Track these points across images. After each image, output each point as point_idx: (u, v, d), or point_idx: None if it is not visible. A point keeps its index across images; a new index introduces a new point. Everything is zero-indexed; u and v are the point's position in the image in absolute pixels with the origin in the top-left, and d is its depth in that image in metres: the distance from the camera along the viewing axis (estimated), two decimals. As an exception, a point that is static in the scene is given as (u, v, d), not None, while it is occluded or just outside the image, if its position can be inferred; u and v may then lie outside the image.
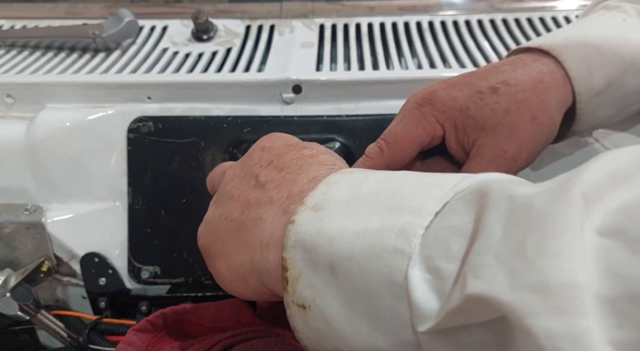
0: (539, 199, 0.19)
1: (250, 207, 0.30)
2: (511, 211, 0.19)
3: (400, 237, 0.22)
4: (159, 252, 0.49)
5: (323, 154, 0.31)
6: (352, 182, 0.26)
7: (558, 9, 0.63)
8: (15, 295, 0.45)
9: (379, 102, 0.51)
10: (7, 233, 0.50)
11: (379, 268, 0.22)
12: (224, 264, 0.31)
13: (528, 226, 0.18)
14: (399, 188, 0.24)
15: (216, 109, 0.52)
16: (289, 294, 0.26)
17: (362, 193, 0.25)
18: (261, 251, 0.28)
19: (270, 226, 0.28)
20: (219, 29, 0.61)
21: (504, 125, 0.35)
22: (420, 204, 0.23)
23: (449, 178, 0.24)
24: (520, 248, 0.18)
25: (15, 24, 0.63)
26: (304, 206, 0.26)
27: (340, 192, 0.26)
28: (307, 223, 0.25)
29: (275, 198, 0.29)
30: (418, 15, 0.63)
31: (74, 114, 0.51)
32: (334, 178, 0.27)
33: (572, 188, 0.18)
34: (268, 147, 0.33)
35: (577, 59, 0.36)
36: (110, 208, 0.51)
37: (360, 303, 0.23)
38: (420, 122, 0.37)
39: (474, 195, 0.22)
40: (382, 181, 0.25)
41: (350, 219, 0.24)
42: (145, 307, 0.48)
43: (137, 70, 0.54)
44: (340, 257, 0.24)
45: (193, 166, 0.50)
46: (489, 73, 0.37)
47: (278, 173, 0.30)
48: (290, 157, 0.31)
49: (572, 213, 0.17)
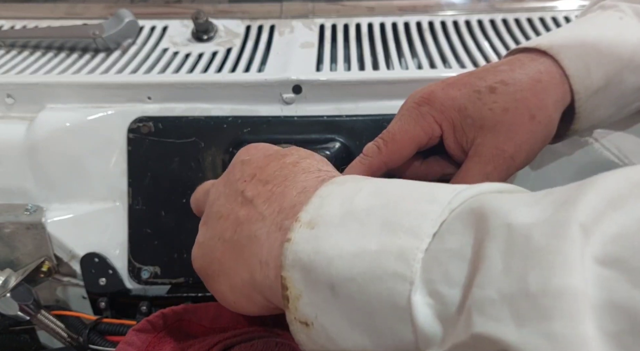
0: (538, 232, 0.18)
1: (241, 225, 0.29)
2: (510, 242, 0.19)
3: (400, 261, 0.22)
4: (159, 252, 0.49)
5: (305, 160, 0.31)
6: (345, 194, 0.26)
7: (558, 9, 0.63)
8: (15, 295, 0.45)
9: (379, 103, 0.51)
10: (7, 233, 0.50)
11: (380, 291, 0.22)
12: (226, 285, 0.31)
13: (529, 261, 0.18)
14: (392, 203, 0.24)
15: (216, 109, 0.52)
16: (291, 312, 0.26)
17: (356, 209, 0.25)
18: (261, 269, 0.28)
19: (267, 243, 0.28)
20: (219, 29, 0.61)
21: (503, 124, 0.35)
22: (416, 224, 0.22)
23: (443, 192, 0.24)
24: (523, 286, 0.18)
25: (16, 24, 0.63)
26: (298, 222, 0.26)
27: (334, 206, 0.25)
28: (304, 241, 0.25)
29: (266, 213, 0.28)
30: (418, 16, 0.63)
31: (74, 114, 0.51)
32: (326, 190, 0.27)
33: (569, 219, 0.18)
34: (247, 160, 0.32)
35: (575, 58, 0.36)
36: (110, 208, 0.51)
37: (364, 322, 0.23)
38: (419, 121, 0.37)
39: (470, 214, 0.22)
40: (376, 195, 0.25)
41: (346, 238, 0.24)
42: (146, 307, 0.48)
43: (137, 70, 0.54)
44: (340, 278, 0.23)
45: (193, 166, 0.50)
46: (487, 73, 0.37)
47: (264, 187, 0.29)
48: (273, 168, 0.30)
49: (571, 248, 0.17)
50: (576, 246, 0.17)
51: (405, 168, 0.40)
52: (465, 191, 0.23)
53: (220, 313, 0.42)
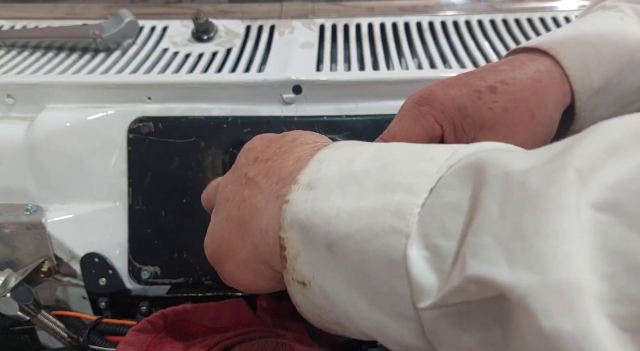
0: (534, 178, 0.18)
1: (244, 201, 0.30)
2: (507, 189, 0.19)
3: (397, 216, 0.22)
4: (159, 252, 0.49)
5: (304, 136, 0.32)
6: (343, 158, 0.26)
7: (558, 9, 0.63)
8: (15, 295, 0.45)
9: (379, 103, 0.51)
10: (7, 233, 0.50)
11: (377, 247, 0.22)
12: (233, 263, 0.31)
13: (524, 206, 0.18)
14: (390, 164, 0.24)
15: (216, 109, 0.52)
16: (288, 272, 0.27)
17: (354, 171, 0.25)
18: (262, 237, 0.29)
19: (266, 212, 0.28)
20: (219, 29, 0.61)
21: (503, 124, 0.35)
22: (414, 182, 0.23)
23: (441, 151, 0.24)
24: (517, 229, 0.18)
25: (16, 25, 0.63)
26: (297, 184, 0.26)
27: (332, 169, 0.26)
28: (302, 202, 0.26)
29: (265, 186, 0.29)
30: (418, 16, 0.63)
31: (74, 114, 0.51)
32: (324, 155, 0.27)
33: (566, 165, 0.18)
34: (252, 148, 0.33)
35: (575, 57, 0.36)
36: (110, 208, 0.51)
37: (360, 280, 0.23)
38: (419, 121, 0.37)
39: (467, 169, 0.22)
40: (373, 157, 0.25)
41: (344, 198, 0.24)
42: (146, 307, 0.48)
43: (137, 70, 0.54)
44: (337, 236, 0.24)
45: (193, 166, 0.50)
46: (487, 73, 0.37)
47: (265, 164, 0.30)
48: (273, 148, 0.31)
49: (567, 192, 0.17)
50: (571, 190, 0.17)
51: None
52: (463, 149, 0.24)
53: (221, 313, 0.42)
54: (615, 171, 0.18)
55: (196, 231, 0.49)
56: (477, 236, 0.19)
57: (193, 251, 0.48)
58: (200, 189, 0.49)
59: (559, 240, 0.17)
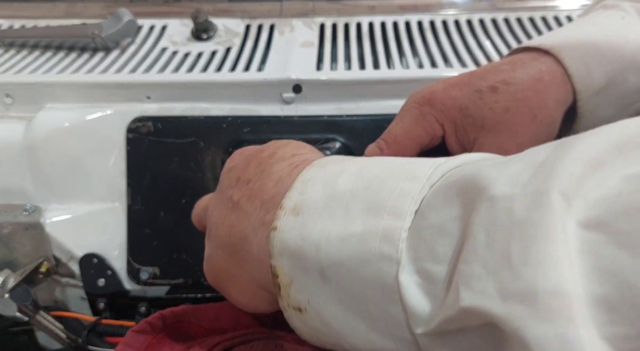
0: (518, 204, 0.18)
1: (233, 228, 0.29)
2: (493, 216, 0.19)
3: (385, 242, 0.22)
4: (158, 253, 0.48)
5: (281, 148, 0.31)
6: (327, 177, 0.26)
7: (560, 8, 0.63)
8: (13, 295, 0.45)
9: (380, 102, 0.51)
10: (5, 234, 0.49)
11: (369, 274, 0.22)
12: (235, 290, 0.31)
13: (511, 234, 0.18)
14: (375, 184, 0.24)
15: (216, 109, 0.51)
16: (283, 298, 0.26)
17: (338, 191, 0.25)
18: (255, 266, 0.28)
19: (255, 240, 0.28)
20: (219, 28, 0.61)
21: (504, 124, 0.35)
22: (398, 204, 0.22)
23: (422, 167, 0.24)
24: (506, 258, 0.18)
25: (14, 24, 0.63)
26: (282, 209, 0.26)
27: (317, 190, 0.25)
28: (290, 228, 0.25)
29: (250, 211, 0.29)
30: (419, 15, 0.62)
31: (72, 114, 0.51)
32: (308, 175, 0.27)
33: (549, 188, 0.18)
34: (232, 167, 0.32)
35: (576, 57, 0.36)
36: (109, 209, 0.51)
37: (355, 305, 0.23)
38: (420, 122, 0.36)
39: (449, 189, 0.22)
40: (357, 176, 0.25)
41: (332, 223, 0.24)
42: (145, 308, 0.48)
43: (136, 70, 0.54)
44: (328, 263, 0.24)
45: (193, 166, 0.49)
46: (488, 72, 0.37)
47: (247, 186, 0.30)
48: (252, 167, 0.30)
49: (552, 216, 0.17)
50: (557, 214, 0.17)
51: None
52: (443, 165, 0.24)
53: (220, 315, 0.41)
54: (600, 186, 0.17)
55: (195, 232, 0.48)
56: (468, 265, 0.19)
57: (192, 251, 0.48)
58: (200, 190, 0.49)
59: (547, 268, 0.16)
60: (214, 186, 0.49)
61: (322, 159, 0.29)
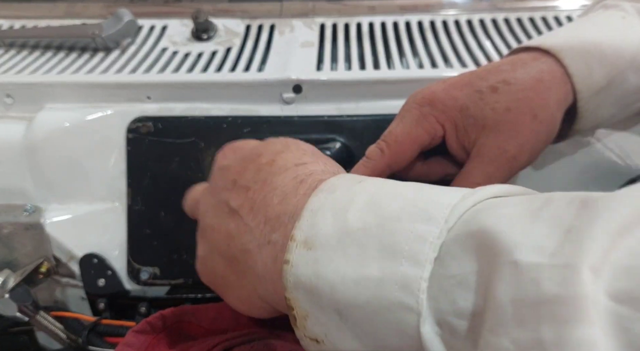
0: (547, 277, 0.18)
1: (233, 239, 0.29)
2: (519, 287, 0.18)
3: (405, 291, 0.21)
4: (159, 253, 0.48)
5: (280, 155, 0.30)
6: (336, 208, 0.25)
7: (560, 8, 0.62)
8: (14, 295, 0.45)
9: (380, 102, 0.51)
10: (5, 234, 0.49)
11: (388, 320, 0.22)
12: (235, 297, 0.31)
13: (541, 313, 0.18)
14: (388, 223, 0.23)
15: (216, 109, 0.51)
16: (299, 329, 0.26)
17: (350, 228, 0.24)
18: (259, 282, 0.28)
19: (260, 258, 0.27)
20: (219, 28, 0.61)
21: (505, 124, 0.35)
22: (416, 250, 0.22)
23: (438, 209, 0.23)
24: (537, 340, 0.17)
25: (15, 24, 0.63)
26: (294, 242, 0.25)
27: (328, 224, 0.25)
28: (303, 264, 0.25)
29: (252, 224, 0.28)
30: (419, 15, 0.62)
31: (73, 114, 0.51)
32: (316, 203, 0.26)
33: (579, 264, 0.17)
34: (226, 166, 0.31)
35: (577, 57, 0.36)
36: (109, 209, 0.51)
37: (376, 345, 0.23)
38: (421, 122, 0.36)
39: (469, 239, 0.21)
40: (369, 209, 0.24)
41: (346, 263, 0.23)
42: (145, 308, 0.48)
43: (136, 70, 0.54)
44: (345, 305, 0.23)
45: (193, 167, 0.49)
46: (489, 72, 0.37)
47: (246, 194, 0.29)
48: (250, 172, 0.30)
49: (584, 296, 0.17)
50: (588, 293, 0.17)
51: (408, 170, 0.39)
52: (460, 204, 0.23)
53: (220, 315, 0.41)
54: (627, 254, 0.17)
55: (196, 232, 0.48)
56: (497, 338, 0.18)
57: (192, 251, 0.48)
58: (199, 190, 0.49)
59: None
60: (214, 186, 0.49)
61: (329, 181, 0.27)
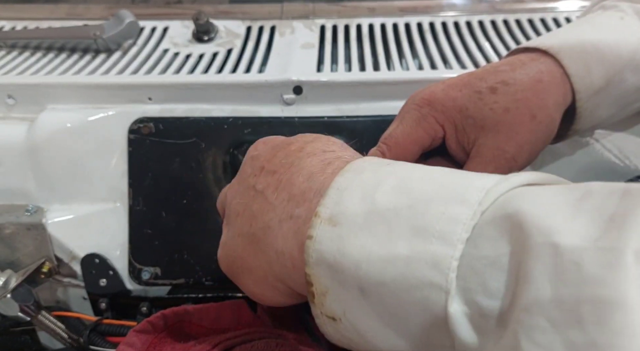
0: (589, 260, 0.18)
1: (255, 218, 0.29)
2: (559, 268, 0.18)
3: (435, 270, 0.21)
4: (160, 253, 0.49)
5: (310, 143, 0.30)
6: (364, 188, 0.25)
7: (559, 10, 0.63)
8: (15, 295, 0.45)
9: (380, 103, 0.51)
10: (7, 234, 0.50)
11: (415, 299, 0.22)
12: (250, 280, 0.31)
13: (582, 292, 0.17)
14: (420, 204, 0.23)
15: (217, 110, 0.51)
16: (316, 306, 0.26)
17: (379, 207, 0.24)
18: (277, 258, 0.28)
19: (280, 232, 0.27)
20: (220, 30, 0.61)
21: (504, 124, 0.35)
22: (448, 230, 0.22)
23: (470, 190, 0.23)
24: (577, 318, 0.17)
25: (16, 25, 0.63)
26: (318, 218, 0.25)
27: (355, 202, 0.24)
28: (327, 240, 0.24)
29: (276, 202, 0.28)
30: (419, 16, 0.62)
31: (74, 115, 0.51)
32: (343, 182, 0.26)
33: (623, 248, 0.17)
34: (256, 155, 0.32)
35: (575, 57, 0.36)
36: (110, 209, 0.51)
37: (397, 323, 0.23)
38: (421, 123, 0.37)
39: (504, 221, 0.21)
40: (398, 191, 0.24)
41: (374, 241, 0.23)
42: (146, 308, 0.48)
43: (137, 71, 0.54)
44: (369, 282, 0.23)
45: (194, 167, 0.50)
46: (488, 73, 0.37)
47: (272, 177, 0.29)
48: (279, 158, 0.30)
49: (628, 281, 0.17)
50: (632, 277, 0.17)
51: None
52: (494, 189, 0.22)
53: (221, 314, 0.42)
54: None
55: (197, 232, 0.49)
56: (531, 316, 0.18)
57: (193, 251, 0.48)
58: (200, 190, 0.49)
59: (625, 339, 0.16)
60: (215, 186, 0.49)
61: (356, 163, 0.27)
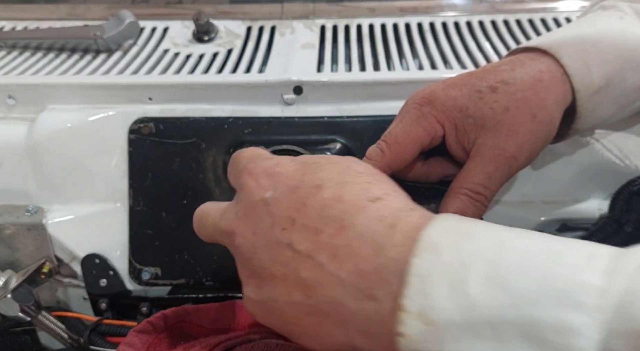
0: None
1: (312, 289, 0.26)
2: None
3: None
4: (160, 253, 0.49)
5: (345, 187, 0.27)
6: (450, 276, 0.22)
7: (559, 10, 0.63)
8: (16, 296, 0.45)
9: (380, 103, 0.51)
10: (8, 234, 0.50)
11: None
12: (314, 343, 0.28)
13: None
14: (524, 305, 0.21)
15: (217, 110, 0.51)
16: None
17: (477, 305, 0.21)
18: (362, 338, 0.25)
19: (360, 313, 0.25)
20: (220, 30, 0.61)
21: (504, 124, 0.35)
22: (570, 344, 0.19)
23: (585, 292, 0.20)
24: None
25: (17, 26, 0.63)
26: (405, 312, 0.23)
27: (444, 297, 0.22)
28: (424, 341, 0.22)
29: (342, 275, 0.25)
30: (419, 17, 0.63)
31: (75, 115, 0.51)
32: (422, 266, 0.23)
33: None
34: (271, 199, 0.28)
35: (575, 57, 0.36)
36: (111, 209, 0.51)
37: None
38: (421, 122, 0.37)
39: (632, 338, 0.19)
40: (494, 283, 0.22)
41: (482, 345, 0.21)
42: (146, 308, 0.48)
43: (138, 71, 0.54)
44: None
45: (194, 167, 0.50)
46: (488, 73, 0.37)
47: (317, 237, 0.26)
48: (314, 209, 0.26)
49: None
50: None
51: (408, 170, 0.40)
52: (610, 290, 0.20)
53: (221, 314, 0.42)
54: None
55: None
56: None
57: (194, 252, 0.48)
58: (201, 190, 0.49)
59: None
60: (215, 186, 0.49)
61: (428, 234, 0.24)
